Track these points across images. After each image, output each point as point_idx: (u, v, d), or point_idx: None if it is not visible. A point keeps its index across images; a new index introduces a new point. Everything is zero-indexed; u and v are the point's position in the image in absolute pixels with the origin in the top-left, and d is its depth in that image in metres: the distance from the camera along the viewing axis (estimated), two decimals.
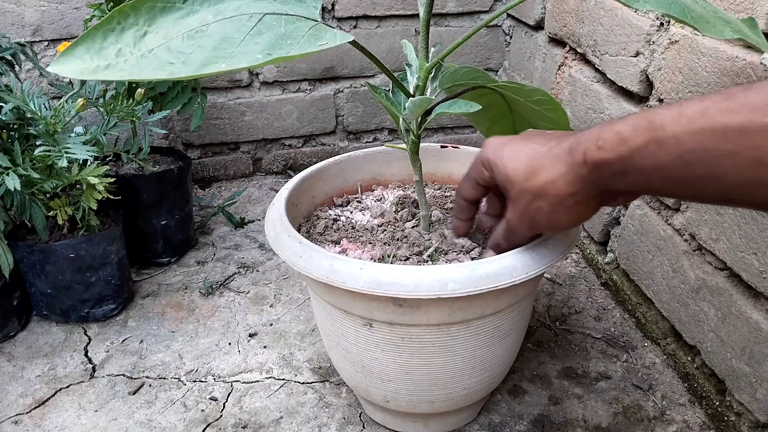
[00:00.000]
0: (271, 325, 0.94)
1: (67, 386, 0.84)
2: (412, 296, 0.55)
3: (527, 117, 0.70)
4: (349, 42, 0.45)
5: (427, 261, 0.65)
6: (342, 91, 1.35)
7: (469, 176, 0.58)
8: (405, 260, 0.65)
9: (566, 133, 0.50)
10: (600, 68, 0.96)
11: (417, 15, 1.30)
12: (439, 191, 0.81)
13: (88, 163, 0.89)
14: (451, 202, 0.77)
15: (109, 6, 0.97)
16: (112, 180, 0.89)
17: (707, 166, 0.37)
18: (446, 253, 0.66)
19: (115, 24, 0.38)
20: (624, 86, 0.90)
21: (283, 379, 0.84)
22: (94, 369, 0.87)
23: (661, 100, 0.82)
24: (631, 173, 0.42)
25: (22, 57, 0.93)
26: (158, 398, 0.81)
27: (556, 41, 1.13)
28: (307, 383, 0.83)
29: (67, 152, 0.80)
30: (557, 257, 0.59)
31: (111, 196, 0.89)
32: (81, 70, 0.36)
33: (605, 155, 0.42)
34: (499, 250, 0.60)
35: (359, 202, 0.80)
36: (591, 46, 0.98)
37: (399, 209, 0.74)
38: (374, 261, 0.65)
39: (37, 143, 0.82)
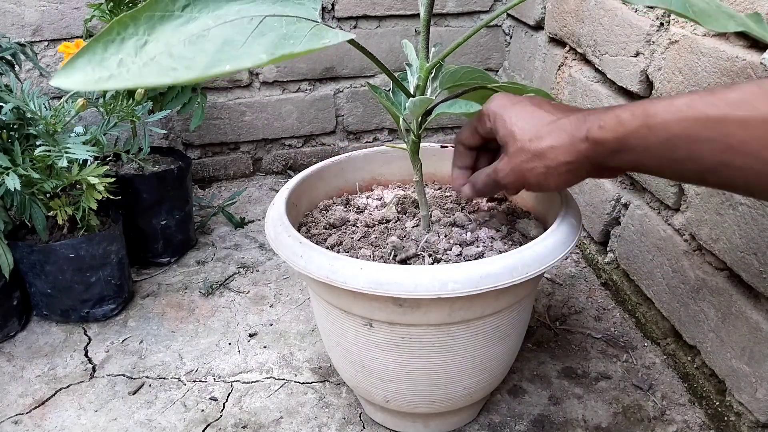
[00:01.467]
0: (271, 325, 0.94)
1: (67, 386, 0.84)
2: (412, 296, 0.55)
3: None
4: (348, 41, 0.46)
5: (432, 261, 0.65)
6: (342, 91, 1.35)
7: (470, 124, 0.62)
8: (405, 260, 0.65)
9: (571, 107, 0.55)
10: (600, 68, 0.96)
11: (417, 15, 1.30)
12: (439, 191, 0.81)
13: (88, 163, 0.89)
14: (451, 202, 0.77)
15: (109, 6, 0.97)
16: (112, 180, 0.89)
17: (687, 149, 0.44)
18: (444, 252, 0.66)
19: (115, 35, 0.38)
20: (624, 86, 0.90)
21: (283, 379, 0.84)
22: (94, 369, 0.87)
23: None
24: (623, 152, 0.48)
25: (22, 57, 0.93)
26: (158, 398, 0.81)
27: (556, 41, 1.13)
28: (307, 383, 0.83)
29: (67, 152, 0.80)
30: (557, 257, 0.59)
31: (111, 196, 0.89)
32: (84, 82, 0.36)
33: (604, 134, 0.49)
34: (473, 188, 0.63)
35: (359, 202, 0.80)
36: (591, 46, 0.98)
37: (399, 209, 0.74)
38: (375, 261, 0.65)
39: (37, 143, 0.82)
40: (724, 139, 0.42)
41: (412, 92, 0.63)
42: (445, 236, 0.68)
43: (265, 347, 0.90)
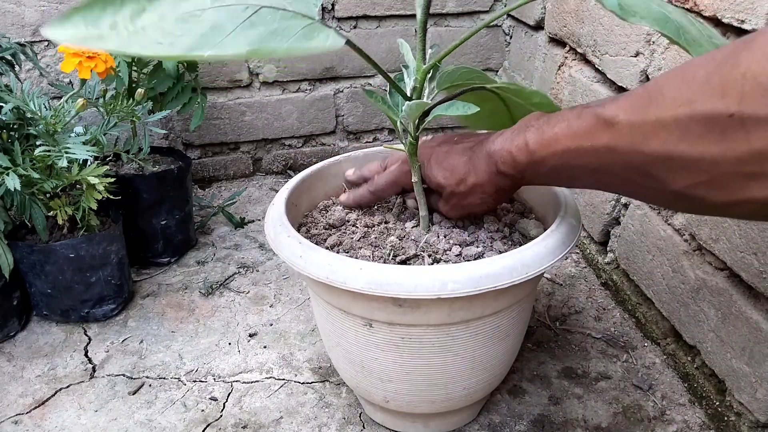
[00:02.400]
0: (271, 325, 0.94)
1: (67, 386, 0.84)
2: (412, 296, 0.55)
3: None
4: (344, 43, 0.45)
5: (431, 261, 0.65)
6: (342, 91, 1.35)
7: (390, 177, 0.70)
8: (405, 261, 0.65)
9: (477, 138, 0.63)
10: (600, 68, 0.96)
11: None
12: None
13: (88, 163, 0.89)
14: None
15: None
16: (112, 180, 0.89)
17: (568, 174, 0.52)
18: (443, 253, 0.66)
19: None
20: (624, 86, 0.90)
21: (283, 379, 0.84)
22: (94, 369, 0.87)
23: None
24: (525, 178, 0.58)
25: (22, 57, 0.93)
26: (158, 398, 0.81)
27: (556, 41, 1.13)
28: (307, 383, 0.83)
29: (67, 152, 0.80)
30: (557, 257, 0.59)
31: (111, 196, 0.89)
32: (73, 37, 0.36)
33: (507, 170, 0.57)
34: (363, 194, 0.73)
35: None
36: (591, 46, 0.98)
37: (399, 209, 0.74)
38: (374, 261, 0.65)
39: (37, 143, 0.82)
40: (586, 164, 0.49)
41: (409, 94, 0.63)
42: (445, 236, 0.68)
43: (265, 347, 0.90)
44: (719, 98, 0.37)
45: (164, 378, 0.85)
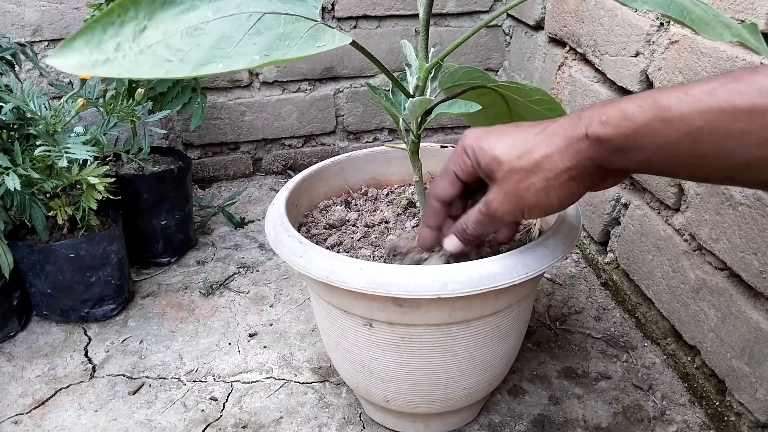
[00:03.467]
0: (271, 325, 0.94)
1: (67, 386, 0.84)
2: (412, 296, 0.55)
3: (527, 117, 0.70)
4: (348, 43, 0.45)
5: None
6: (342, 91, 1.35)
7: (446, 171, 0.55)
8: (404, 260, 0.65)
9: (555, 119, 0.49)
10: (600, 68, 0.96)
11: (417, 15, 1.30)
12: None
13: (88, 163, 0.89)
14: None
15: (108, 6, 0.97)
16: (112, 180, 0.89)
17: (714, 144, 0.39)
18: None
19: (115, 17, 0.38)
20: (624, 86, 0.90)
21: (283, 379, 0.84)
22: (94, 369, 0.87)
23: None
24: (632, 150, 0.42)
25: (22, 57, 0.93)
26: (158, 398, 0.81)
27: (556, 41, 1.13)
28: (307, 383, 0.83)
29: (67, 152, 0.80)
30: (557, 257, 0.59)
31: (111, 196, 0.89)
32: (80, 64, 0.36)
33: (608, 131, 0.43)
34: (464, 235, 0.56)
35: (359, 202, 0.80)
36: (591, 46, 0.98)
37: (399, 209, 0.74)
38: (374, 261, 0.65)
39: (37, 143, 0.82)
40: (762, 132, 0.37)
41: (411, 92, 0.63)
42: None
43: (265, 347, 0.90)
44: None
45: (164, 378, 0.85)
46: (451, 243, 0.57)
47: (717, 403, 0.75)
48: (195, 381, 0.84)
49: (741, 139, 0.38)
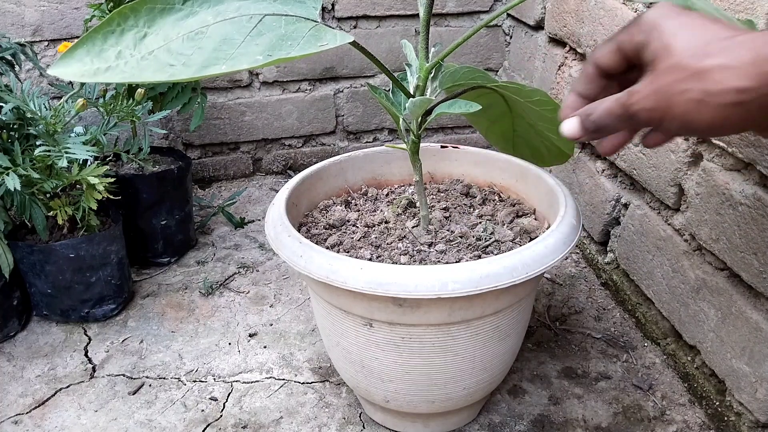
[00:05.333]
0: (271, 325, 0.94)
1: (67, 386, 0.84)
2: (412, 296, 0.55)
3: (527, 117, 0.70)
4: (349, 42, 0.45)
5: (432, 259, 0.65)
6: (342, 91, 1.35)
7: (612, 39, 0.47)
8: (404, 260, 0.65)
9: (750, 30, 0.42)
10: None
11: (417, 15, 1.30)
12: (441, 191, 0.81)
13: (88, 163, 0.89)
14: (451, 202, 0.77)
15: (109, 6, 0.97)
16: (112, 180, 0.89)
17: None
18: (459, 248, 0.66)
19: (115, 26, 0.38)
20: None
21: (283, 379, 0.84)
22: (94, 369, 0.87)
23: None
24: None
25: (22, 57, 0.93)
26: (158, 398, 0.81)
27: (556, 41, 1.13)
28: (307, 383, 0.83)
29: (67, 152, 0.80)
30: (557, 257, 0.59)
31: (111, 196, 0.89)
32: (82, 72, 0.36)
33: None
34: (586, 121, 0.48)
35: (359, 202, 0.80)
36: (591, 46, 0.98)
37: (399, 209, 0.74)
38: (374, 261, 0.65)
39: (37, 143, 0.82)
40: None
41: (411, 92, 0.63)
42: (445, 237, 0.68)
43: (265, 347, 0.90)
44: None
45: (164, 378, 0.85)
46: (568, 126, 0.49)
47: (717, 403, 0.75)
48: (195, 381, 0.84)
49: None
